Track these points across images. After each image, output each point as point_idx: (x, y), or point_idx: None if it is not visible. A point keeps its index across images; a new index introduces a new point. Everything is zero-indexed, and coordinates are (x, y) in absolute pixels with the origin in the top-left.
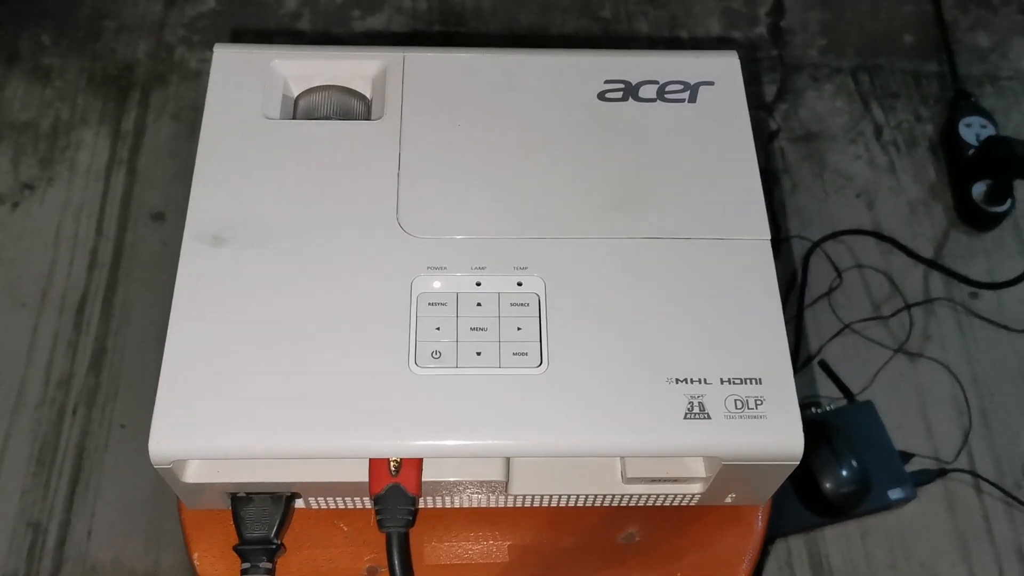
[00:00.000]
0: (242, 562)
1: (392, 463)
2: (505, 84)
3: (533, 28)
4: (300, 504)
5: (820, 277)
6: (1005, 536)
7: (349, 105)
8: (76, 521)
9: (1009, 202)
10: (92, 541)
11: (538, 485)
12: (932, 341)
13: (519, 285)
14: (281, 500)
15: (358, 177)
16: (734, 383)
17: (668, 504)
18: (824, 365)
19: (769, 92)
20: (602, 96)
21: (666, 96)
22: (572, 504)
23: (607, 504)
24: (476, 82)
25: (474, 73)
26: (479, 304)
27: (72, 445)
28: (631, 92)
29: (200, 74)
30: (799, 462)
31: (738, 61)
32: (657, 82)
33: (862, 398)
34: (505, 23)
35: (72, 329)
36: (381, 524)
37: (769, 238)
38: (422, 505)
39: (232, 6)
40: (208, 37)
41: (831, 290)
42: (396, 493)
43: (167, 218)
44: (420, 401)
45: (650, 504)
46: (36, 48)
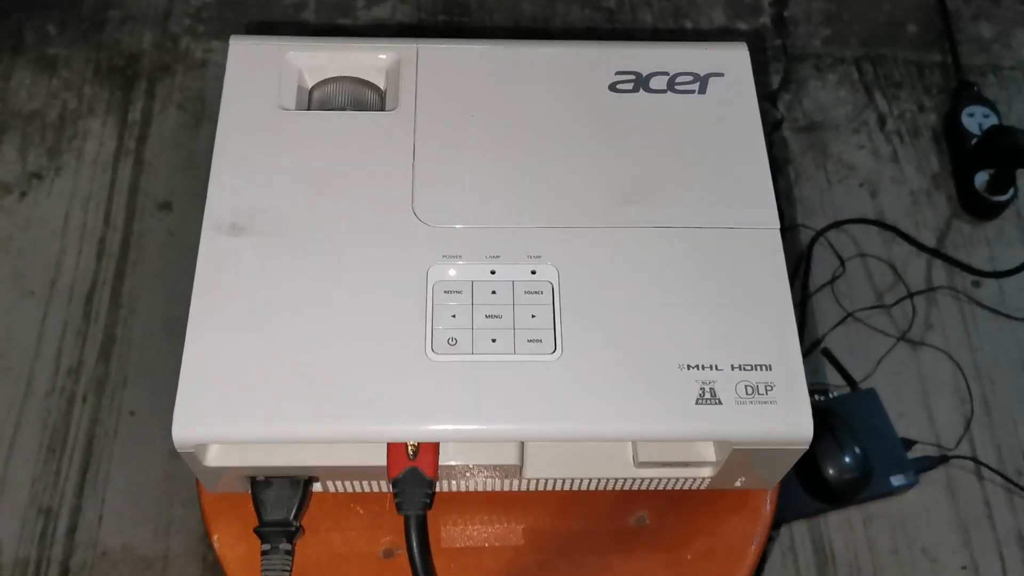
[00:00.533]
0: (262, 543)
1: (410, 447)
2: (517, 75)
3: (537, 18)
4: (317, 488)
5: (823, 266)
6: (1006, 522)
7: (363, 96)
8: (86, 508)
9: (1011, 191)
10: (103, 527)
11: (552, 469)
12: (934, 329)
13: (533, 273)
14: (300, 483)
15: (374, 167)
16: (744, 369)
17: (678, 488)
18: (827, 353)
19: (773, 82)
20: (613, 87)
21: (676, 87)
22: (584, 488)
23: (618, 488)
24: (489, 73)
25: (487, 64)
26: (494, 292)
27: (82, 433)
28: (642, 83)
29: (206, 64)
30: (808, 446)
31: (748, 53)
32: (667, 73)
33: (865, 386)
34: (509, 13)
35: (81, 318)
36: (399, 507)
37: (778, 227)
38: (437, 489)
39: None
40: (213, 27)
41: (834, 279)
42: (414, 476)
43: (174, 208)
44: (437, 387)
45: (661, 488)
46: (42, 38)
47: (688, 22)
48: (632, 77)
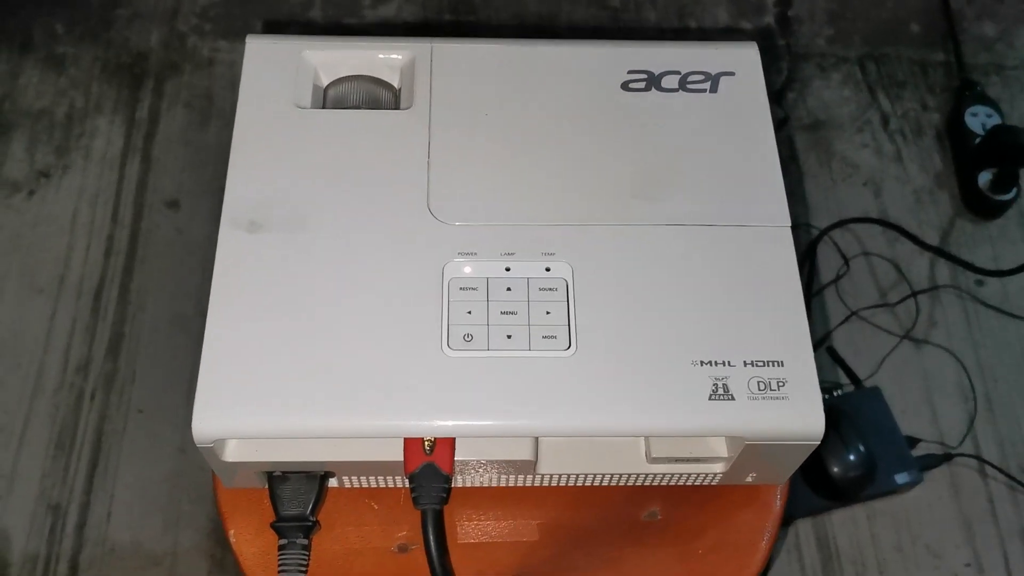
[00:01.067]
0: (279, 538)
1: (426, 442)
2: (531, 74)
3: (542, 16)
4: (333, 483)
5: (827, 265)
6: (1009, 519)
7: (377, 95)
8: (95, 503)
9: (1014, 190)
10: (111, 523)
11: (565, 465)
12: (938, 328)
13: (547, 270)
14: (316, 478)
15: (389, 165)
16: (757, 365)
17: (690, 483)
18: (832, 351)
19: (777, 81)
20: (625, 86)
21: (688, 86)
22: (597, 483)
23: (631, 483)
24: (502, 72)
25: (500, 64)
26: (509, 289)
27: (91, 429)
28: (654, 82)
29: (213, 62)
30: (819, 442)
31: (758, 52)
32: (679, 72)
33: (869, 384)
34: (515, 11)
35: (89, 315)
36: (416, 501)
37: (789, 225)
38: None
39: None
40: (220, 26)
41: (838, 277)
42: (430, 471)
43: (181, 205)
44: (453, 383)
45: (673, 483)
46: (50, 36)
47: (692, 21)
48: (644, 76)
